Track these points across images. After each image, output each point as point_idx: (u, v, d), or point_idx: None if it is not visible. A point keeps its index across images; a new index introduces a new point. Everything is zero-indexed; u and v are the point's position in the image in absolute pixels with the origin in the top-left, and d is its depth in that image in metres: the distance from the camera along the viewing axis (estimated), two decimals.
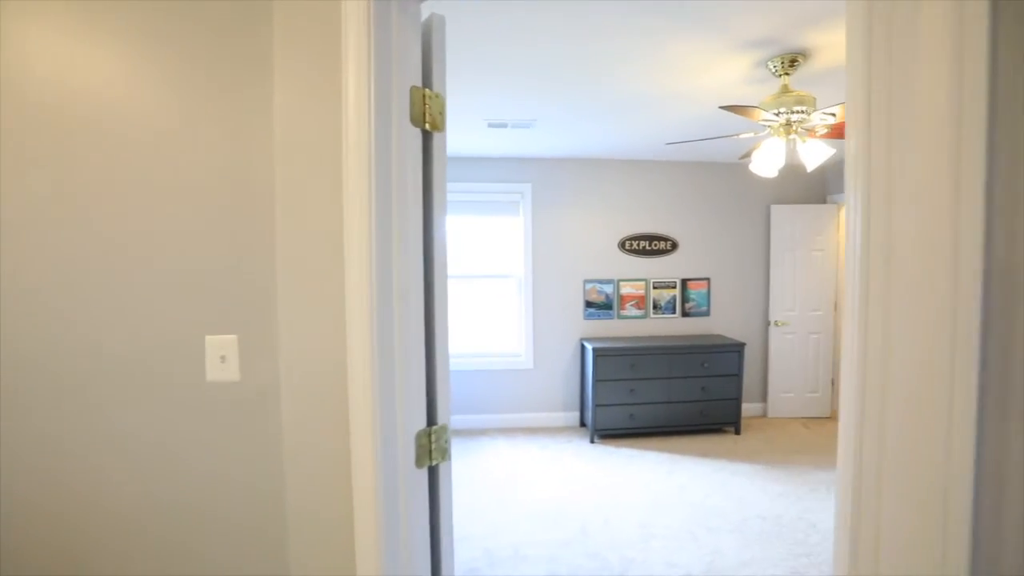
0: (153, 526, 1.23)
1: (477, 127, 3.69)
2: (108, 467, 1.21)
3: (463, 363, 4.87)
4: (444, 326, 1.20)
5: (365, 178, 1.02)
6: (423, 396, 1.15)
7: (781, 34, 2.19)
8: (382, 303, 1.04)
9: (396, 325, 1.06)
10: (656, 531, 3.05)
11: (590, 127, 3.70)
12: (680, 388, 4.58)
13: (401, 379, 1.08)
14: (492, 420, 4.94)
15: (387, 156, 1.05)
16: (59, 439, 1.20)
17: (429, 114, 1.11)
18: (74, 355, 1.19)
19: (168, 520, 1.23)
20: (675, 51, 2.35)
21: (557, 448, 4.41)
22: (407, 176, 1.09)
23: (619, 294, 5.04)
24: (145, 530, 1.23)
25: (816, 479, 3.76)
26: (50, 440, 1.20)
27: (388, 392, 1.06)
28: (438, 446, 1.17)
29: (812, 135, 2.50)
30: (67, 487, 1.21)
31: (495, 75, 2.69)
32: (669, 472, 3.88)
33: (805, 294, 5.08)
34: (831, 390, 5.16)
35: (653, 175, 5.01)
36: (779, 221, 5.06)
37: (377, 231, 1.03)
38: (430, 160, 1.14)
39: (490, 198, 4.86)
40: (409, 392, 1.10)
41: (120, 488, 1.22)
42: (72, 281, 1.18)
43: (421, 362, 1.14)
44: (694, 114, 3.33)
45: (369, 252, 1.01)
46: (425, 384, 1.16)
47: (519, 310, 4.95)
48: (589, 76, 2.67)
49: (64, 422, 1.20)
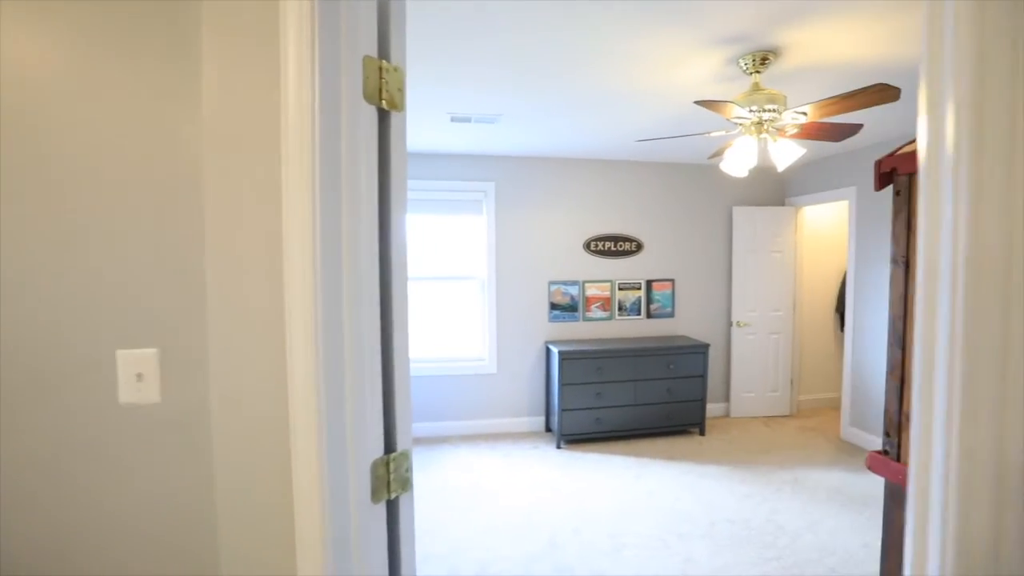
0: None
1: (439, 121, 3.52)
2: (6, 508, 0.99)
3: (424, 368, 4.68)
4: (404, 336, 1.04)
5: (308, 166, 0.86)
6: (379, 419, 0.99)
7: (754, 30, 2.14)
8: (329, 313, 0.87)
9: (347, 338, 0.90)
10: (627, 540, 2.97)
11: (557, 123, 3.60)
12: (646, 390, 4.54)
13: (353, 401, 0.92)
14: (454, 427, 4.77)
15: (335, 139, 0.88)
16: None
17: (386, 90, 0.95)
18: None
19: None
20: (648, 45, 2.26)
21: (523, 455, 4.28)
22: (360, 163, 0.93)
23: (584, 296, 4.97)
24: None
25: (780, 479, 3.77)
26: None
27: (337, 417, 0.90)
28: (398, 476, 1.01)
29: (782, 134, 2.47)
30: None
31: (459, 66, 2.53)
32: (637, 477, 3.81)
33: (766, 295, 5.15)
34: (791, 389, 5.25)
35: (619, 175, 4.97)
36: (740, 222, 5.11)
37: (322, 229, 0.86)
38: (387, 144, 0.98)
39: (452, 196, 4.69)
40: (363, 416, 0.94)
41: (21, 543, 1.00)
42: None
43: (377, 379, 0.98)
44: (664, 113, 3.27)
45: (313, 254, 0.85)
46: (382, 405, 1.00)
47: (482, 313, 4.80)
48: (557, 70, 2.56)
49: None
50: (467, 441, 4.61)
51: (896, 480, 1.67)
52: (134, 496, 1.03)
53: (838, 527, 3.12)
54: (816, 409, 5.44)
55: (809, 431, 4.81)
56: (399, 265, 1.02)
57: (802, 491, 3.59)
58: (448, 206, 4.70)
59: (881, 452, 1.76)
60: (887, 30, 2.10)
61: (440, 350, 4.77)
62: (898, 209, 1.66)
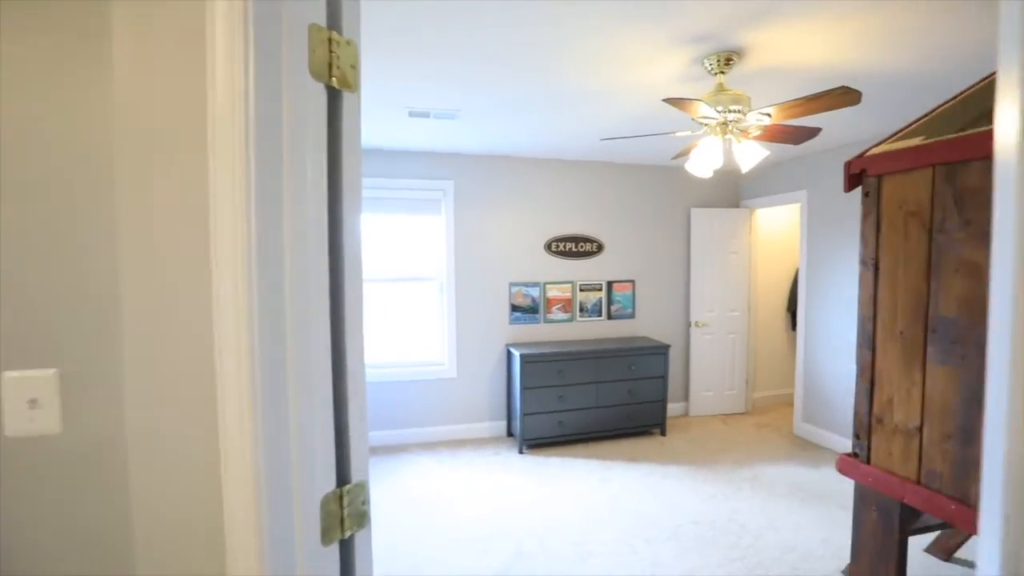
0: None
1: (396, 116, 3.36)
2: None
3: (381, 374, 4.49)
4: (358, 351, 0.91)
5: (241, 155, 0.72)
6: (331, 448, 0.86)
7: (719, 29, 2.11)
8: (268, 330, 0.73)
9: (291, 359, 0.76)
10: (593, 548, 2.90)
11: (518, 121, 3.51)
12: (608, 392, 4.52)
13: (299, 430, 0.78)
14: (413, 434, 4.60)
15: (274, 123, 0.75)
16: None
17: (337, 66, 0.82)
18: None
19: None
20: (612, 41, 2.20)
21: (485, 462, 4.17)
22: (306, 152, 0.79)
23: (545, 297, 4.90)
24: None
25: (740, 477, 3.82)
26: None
27: (279, 450, 0.76)
28: (353, 511, 0.88)
29: (746, 136, 2.46)
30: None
31: (415, 61, 2.39)
32: (601, 480, 3.77)
33: (723, 295, 5.24)
34: (746, 387, 5.36)
35: (580, 175, 4.93)
36: (698, 224, 5.18)
37: (259, 232, 0.73)
38: (338, 130, 0.85)
39: (410, 195, 4.52)
40: (310, 446, 0.81)
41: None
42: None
43: (328, 403, 0.84)
44: (627, 112, 3.23)
45: (247, 262, 0.71)
46: (334, 430, 0.87)
47: (441, 315, 4.66)
48: (520, 65, 2.46)
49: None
50: (427, 449, 4.45)
51: (866, 483, 1.67)
52: (28, 548, 0.85)
53: (798, 523, 3.16)
54: (770, 406, 5.59)
55: (764, 427, 4.93)
56: (353, 270, 0.89)
57: (761, 488, 3.64)
58: (406, 205, 4.53)
59: (851, 454, 1.76)
60: (850, 32, 2.12)
61: (398, 355, 4.59)
62: (867, 211, 1.65)
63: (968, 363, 1.40)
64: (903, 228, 1.54)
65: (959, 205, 1.41)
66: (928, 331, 1.48)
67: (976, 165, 1.37)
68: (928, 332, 1.48)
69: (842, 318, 4.30)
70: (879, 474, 1.62)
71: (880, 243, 1.60)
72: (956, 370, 1.43)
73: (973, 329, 1.39)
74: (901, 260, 1.54)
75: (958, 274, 1.41)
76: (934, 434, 1.49)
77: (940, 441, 1.47)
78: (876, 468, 1.64)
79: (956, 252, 1.42)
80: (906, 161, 1.50)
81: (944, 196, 1.44)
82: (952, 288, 1.43)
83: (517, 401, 4.40)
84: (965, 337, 1.41)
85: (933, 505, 1.47)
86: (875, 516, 1.66)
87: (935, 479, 1.49)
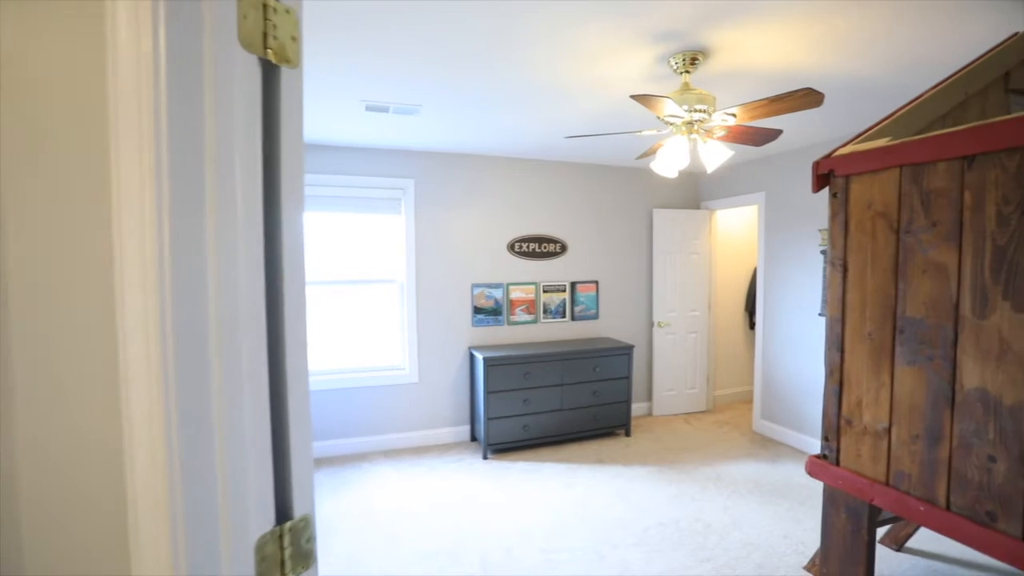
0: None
1: (353, 110, 3.20)
2: None
3: (338, 380, 4.30)
4: (301, 362, 0.80)
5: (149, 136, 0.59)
6: (269, 478, 0.74)
7: (685, 27, 2.07)
8: (186, 344, 0.61)
9: (215, 376, 0.64)
10: (561, 556, 2.84)
11: (482, 118, 3.41)
12: (573, 394, 4.48)
13: (228, 460, 0.66)
14: (374, 442, 4.42)
15: (194, 99, 0.62)
16: None
17: (273, 36, 0.70)
18: None
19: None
20: (579, 36, 2.13)
21: (448, 469, 4.04)
22: (234, 137, 0.67)
23: (509, 299, 4.82)
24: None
25: (704, 476, 3.84)
26: None
27: (202, 485, 0.64)
28: (296, 551, 0.76)
29: (710, 136, 2.45)
30: None
31: (374, 50, 2.26)
32: (567, 485, 3.71)
33: (684, 295, 5.30)
34: (707, 385, 5.44)
35: (544, 175, 4.87)
36: (660, 225, 5.21)
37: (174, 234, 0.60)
38: (276, 111, 0.73)
39: (368, 193, 4.34)
40: (242, 481, 0.68)
41: None
42: None
43: (264, 426, 0.72)
44: (592, 111, 3.19)
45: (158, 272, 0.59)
46: (273, 457, 0.75)
47: (402, 318, 4.50)
48: (483, 58, 2.37)
49: None
50: (388, 457, 4.29)
51: (836, 485, 1.66)
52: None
53: (760, 520, 3.19)
54: (729, 404, 5.69)
55: (725, 425, 5.00)
56: (295, 269, 0.77)
57: (724, 487, 3.66)
58: (364, 204, 4.35)
59: (820, 456, 1.75)
60: (817, 35, 2.12)
61: (357, 360, 4.40)
62: (835, 211, 1.64)
63: (935, 364, 1.40)
64: (871, 229, 1.53)
65: (926, 206, 1.41)
66: (896, 332, 1.47)
67: (942, 166, 1.37)
68: (896, 333, 1.47)
69: (799, 317, 4.40)
70: (848, 476, 1.61)
71: (848, 244, 1.59)
72: (924, 371, 1.43)
73: (940, 330, 1.39)
74: (869, 261, 1.53)
75: (925, 275, 1.41)
76: (902, 435, 1.48)
77: (908, 442, 1.47)
78: (845, 470, 1.63)
79: (923, 253, 1.42)
80: (874, 162, 1.50)
81: (911, 197, 1.44)
82: (920, 289, 1.42)
83: (481, 405, 4.30)
84: (932, 338, 1.40)
85: (902, 507, 1.47)
86: (844, 518, 1.65)
87: (903, 480, 1.48)
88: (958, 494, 1.36)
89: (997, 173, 1.26)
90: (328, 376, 4.28)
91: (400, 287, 4.49)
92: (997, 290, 1.26)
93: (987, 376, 1.29)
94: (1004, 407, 1.26)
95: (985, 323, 1.29)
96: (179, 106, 0.61)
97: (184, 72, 0.62)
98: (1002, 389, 1.26)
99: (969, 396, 1.33)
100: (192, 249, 0.62)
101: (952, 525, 1.35)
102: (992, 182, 1.27)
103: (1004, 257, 1.25)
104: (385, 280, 4.46)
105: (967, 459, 1.33)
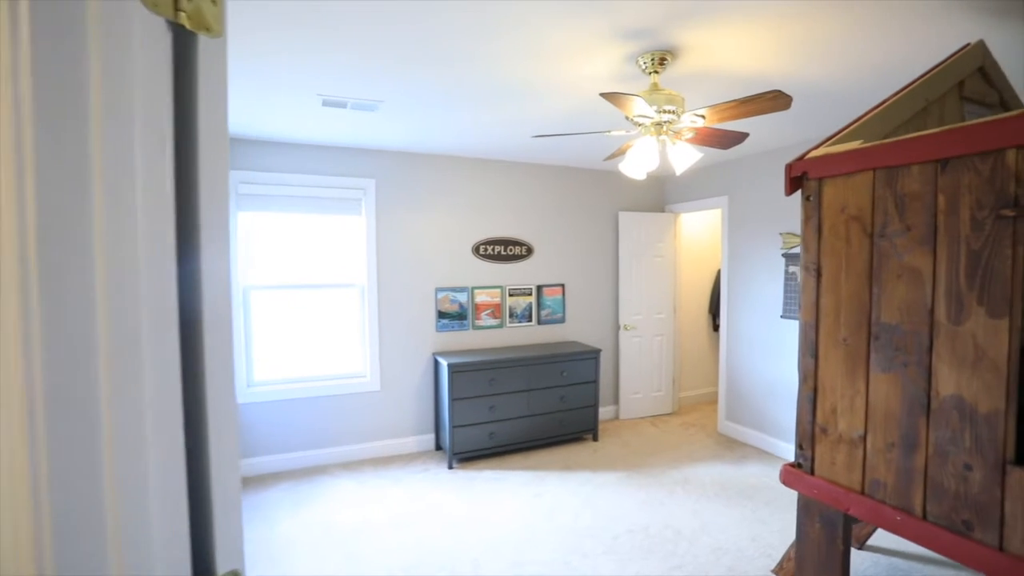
0: None
1: (309, 105, 3.02)
2: None
3: (296, 390, 4.08)
4: (227, 387, 0.67)
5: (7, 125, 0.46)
6: (184, 531, 0.61)
7: (655, 25, 2.02)
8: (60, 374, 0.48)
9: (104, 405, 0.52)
10: (530, 568, 2.74)
11: (445, 116, 3.29)
12: (540, 400, 4.40)
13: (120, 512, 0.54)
14: (334, 454, 4.22)
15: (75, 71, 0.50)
16: None
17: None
18: None
19: None
20: (548, 30, 2.05)
21: (413, 480, 3.89)
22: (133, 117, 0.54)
23: (474, 303, 4.71)
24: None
25: (671, 480, 3.83)
26: None
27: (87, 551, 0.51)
28: None
29: (679, 137, 2.41)
30: None
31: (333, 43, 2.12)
32: (536, 494, 3.63)
33: (649, 298, 5.31)
34: (673, 388, 5.47)
35: (510, 177, 4.79)
36: (626, 227, 5.21)
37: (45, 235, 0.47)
38: (192, 88, 0.60)
39: (326, 193, 4.15)
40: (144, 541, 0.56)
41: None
42: None
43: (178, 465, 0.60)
44: (558, 111, 3.12)
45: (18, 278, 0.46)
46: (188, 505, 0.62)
47: (363, 324, 4.32)
48: (446, 54, 2.26)
49: None
50: (349, 469, 4.10)
51: (811, 494, 1.62)
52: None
53: (728, 524, 3.19)
54: (695, 405, 5.74)
55: (691, 427, 5.03)
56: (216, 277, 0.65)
57: (692, 490, 3.66)
58: (322, 204, 4.15)
59: (794, 465, 1.72)
60: (785, 38, 2.11)
61: (314, 368, 4.20)
62: (809, 215, 1.61)
63: (911, 370, 1.38)
64: (845, 233, 1.51)
65: (900, 210, 1.39)
66: (871, 338, 1.45)
67: (916, 169, 1.35)
68: (871, 339, 1.45)
69: (762, 319, 4.46)
70: (823, 485, 1.58)
71: (822, 248, 1.56)
72: (899, 377, 1.40)
73: (915, 336, 1.36)
74: (843, 265, 1.51)
75: (900, 280, 1.39)
76: (878, 443, 1.46)
77: (884, 450, 1.44)
78: (820, 479, 1.60)
79: (898, 258, 1.39)
80: (848, 164, 1.47)
81: (885, 200, 1.41)
82: (895, 294, 1.40)
83: (445, 413, 4.17)
84: (908, 344, 1.38)
85: (878, 516, 1.44)
86: (819, 528, 1.61)
87: (879, 489, 1.46)
88: (934, 503, 1.34)
89: (971, 177, 1.24)
90: (285, 386, 4.06)
91: (361, 291, 4.31)
92: (972, 296, 1.24)
93: (963, 383, 1.27)
94: (980, 414, 1.24)
95: (960, 329, 1.27)
96: (50, 76, 0.48)
97: (57, 31, 0.48)
98: (977, 396, 1.24)
99: (945, 403, 1.31)
100: (75, 247, 0.49)
101: (928, 535, 1.33)
102: (966, 186, 1.25)
103: (979, 262, 1.23)
104: (345, 284, 4.28)
105: (943, 467, 1.31)
